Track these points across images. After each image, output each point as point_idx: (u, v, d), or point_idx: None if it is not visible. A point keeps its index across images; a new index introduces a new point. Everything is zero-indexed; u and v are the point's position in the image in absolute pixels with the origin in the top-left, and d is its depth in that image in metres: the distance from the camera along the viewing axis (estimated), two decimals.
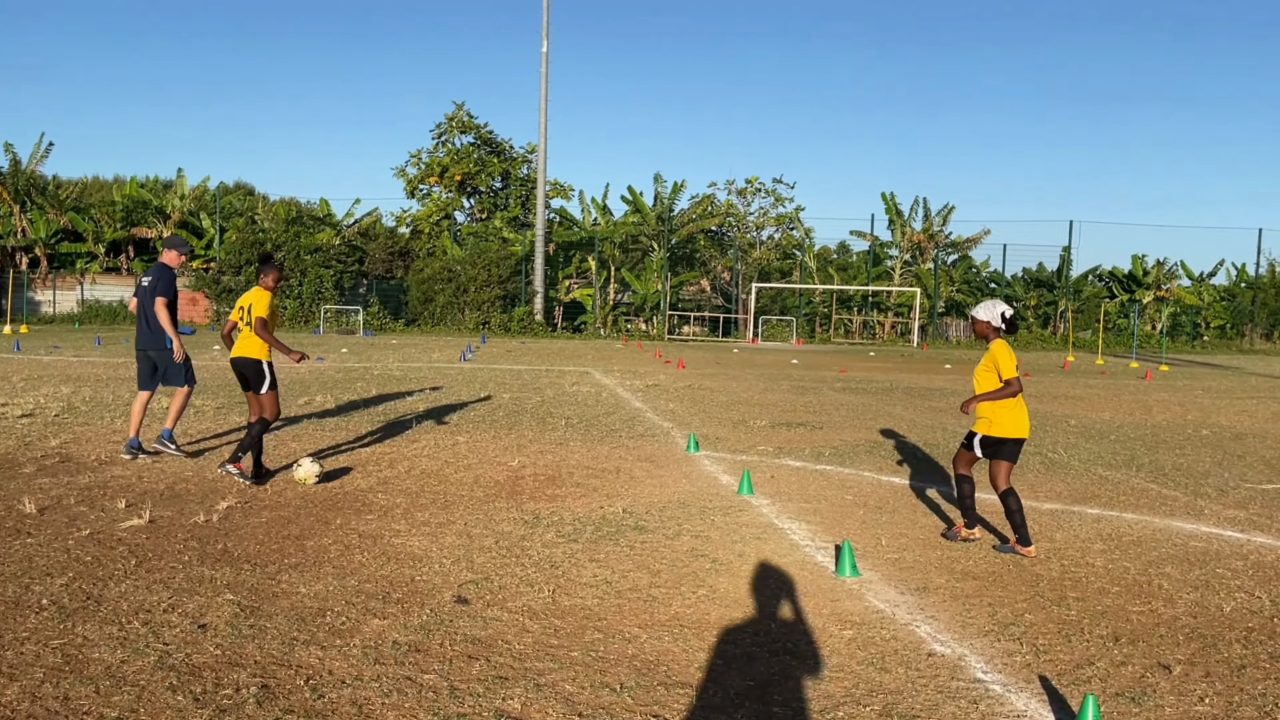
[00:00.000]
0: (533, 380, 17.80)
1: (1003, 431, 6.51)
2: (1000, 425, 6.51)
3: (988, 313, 6.71)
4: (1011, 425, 6.49)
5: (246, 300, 8.40)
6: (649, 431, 11.61)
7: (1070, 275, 43.11)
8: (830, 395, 16.56)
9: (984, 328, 6.72)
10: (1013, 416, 6.50)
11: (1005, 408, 6.51)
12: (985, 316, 6.71)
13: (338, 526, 6.76)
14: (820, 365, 25.12)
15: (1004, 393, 6.42)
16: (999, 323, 6.67)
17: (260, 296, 8.34)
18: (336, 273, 38.72)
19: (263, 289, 8.41)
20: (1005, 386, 6.42)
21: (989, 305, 6.75)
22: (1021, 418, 6.53)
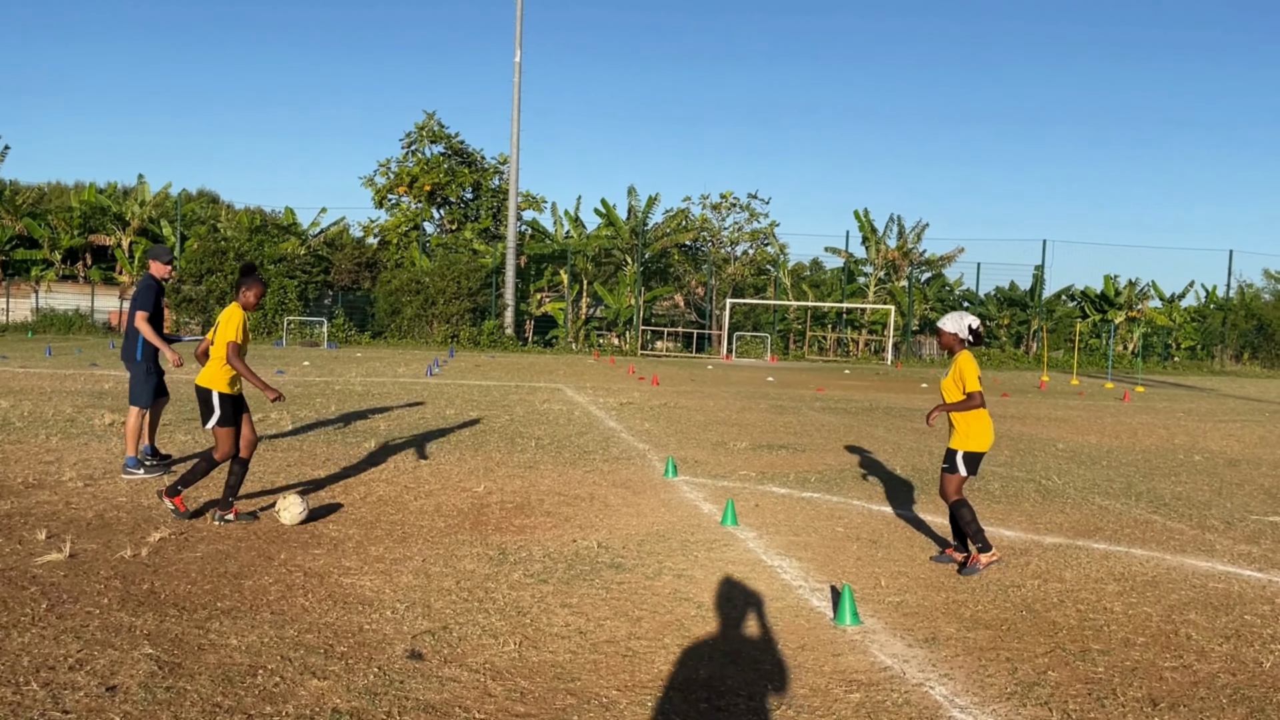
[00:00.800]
0: (502, 397, 17.16)
1: (980, 445, 6.53)
2: (978, 439, 6.52)
3: (954, 324, 6.63)
4: (982, 438, 6.54)
5: (219, 317, 7.21)
6: (624, 454, 11.01)
7: (1043, 294, 43.05)
8: (810, 415, 16.05)
9: (950, 339, 6.66)
10: (983, 429, 6.52)
11: (979, 420, 6.51)
12: (952, 328, 6.63)
13: (281, 563, 6.10)
14: (796, 383, 24.64)
15: (967, 404, 6.40)
16: (965, 334, 6.60)
17: (232, 315, 7.06)
18: (301, 283, 37.84)
19: (240, 306, 7.13)
20: (968, 399, 6.40)
21: (955, 317, 6.68)
22: (989, 430, 6.58)
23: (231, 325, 7.02)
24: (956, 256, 42.53)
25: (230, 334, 6.98)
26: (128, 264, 39.17)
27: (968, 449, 6.53)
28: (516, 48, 38.63)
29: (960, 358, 6.53)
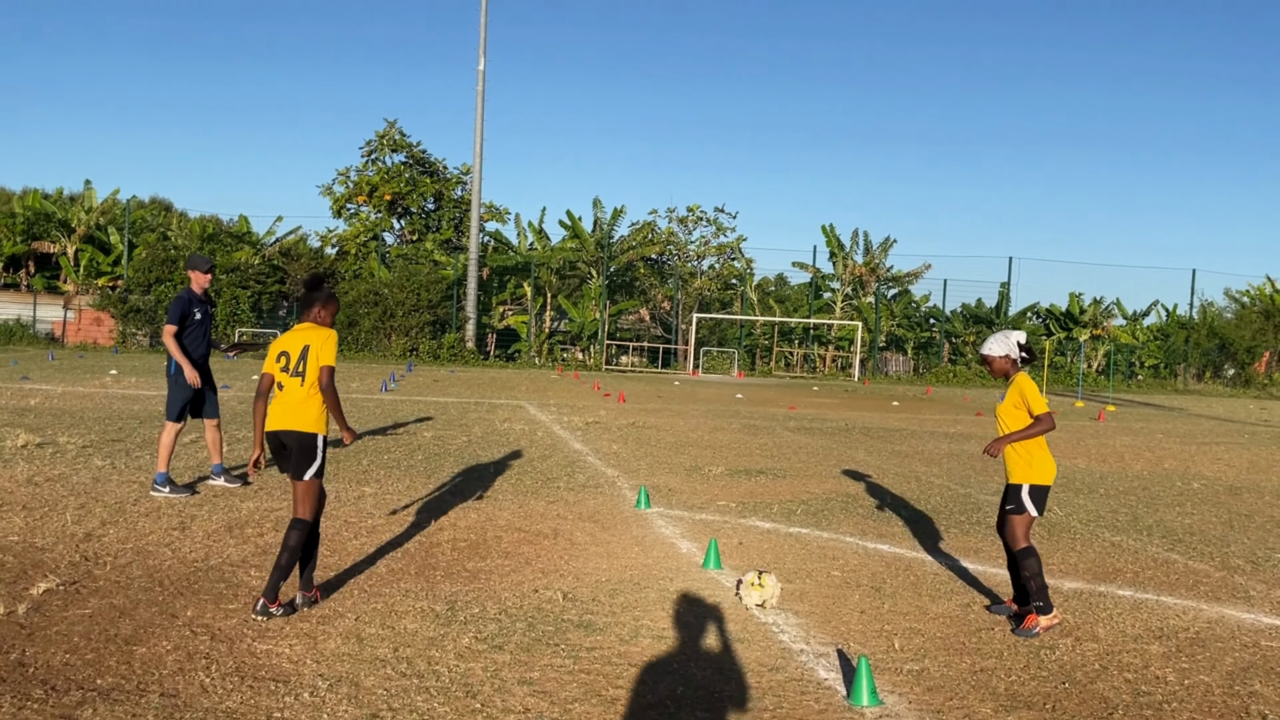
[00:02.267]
0: (460, 415, 16.17)
1: (1045, 477, 5.71)
2: (1042, 469, 5.72)
3: (1003, 346, 5.88)
4: (1046, 469, 5.73)
5: (298, 341, 5.60)
6: (591, 481, 10.10)
7: (1009, 312, 42.75)
8: (785, 436, 15.23)
9: (1003, 364, 5.90)
10: (1047, 458, 5.74)
11: (1041, 448, 5.73)
12: (1001, 351, 5.88)
13: (186, 622, 5.13)
14: (766, 400, 23.85)
15: (1037, 429, 5.60)
16: (1017, 354, 5.87)
17: (326, 335, 5.67)
18: (254, 293, 36.54)
19: (320, 324, 5.76)
20: (1037, 422, 5.61)
21: (1001, 338, 5.93)
22: (1051, 459, 5.80)
23: (330, 346, 5.63)
24: (923, 273, 42.18)
25: (329, 357, 5.60)
26: (72, 272, 37.62)
27: (1034, 482, 5.68)
28: (480, 55, 37.75)
29: (1019, 379, 5.76)
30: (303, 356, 5.56)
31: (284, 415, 5.55)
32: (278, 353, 5.65)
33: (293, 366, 5.58)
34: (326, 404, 5.60)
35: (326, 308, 5.83)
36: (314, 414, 5.57)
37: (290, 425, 5.53)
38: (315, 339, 5.62)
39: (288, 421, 5.53)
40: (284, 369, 5.60)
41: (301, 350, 5.57)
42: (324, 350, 5.60)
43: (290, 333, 5.73)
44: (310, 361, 5.55)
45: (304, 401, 5.55)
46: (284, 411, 5.55)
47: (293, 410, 5.54)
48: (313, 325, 5.74)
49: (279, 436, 5.57)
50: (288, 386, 5.57)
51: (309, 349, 5.57)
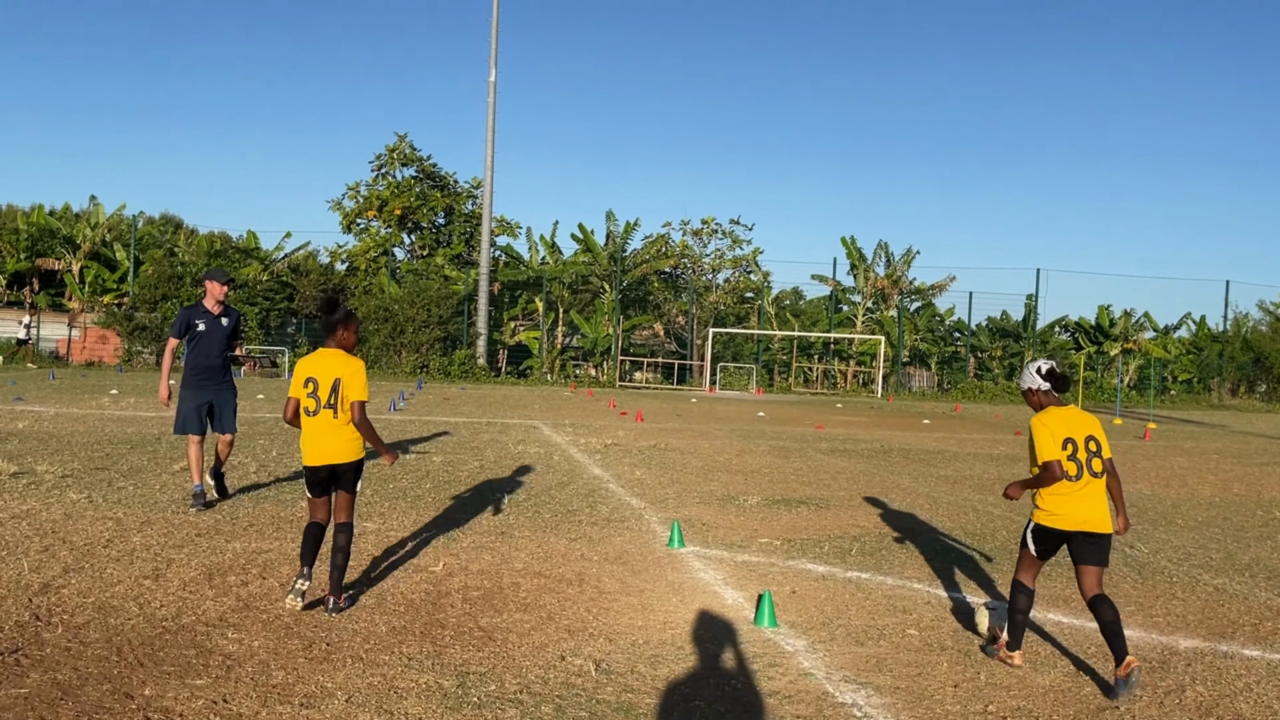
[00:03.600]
0: (471, 436, 15.24)
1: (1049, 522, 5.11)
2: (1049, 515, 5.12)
3: (1029, 380, 5.39)
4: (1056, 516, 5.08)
5: (325, 369, 5.73)
6: (615, 513, 9.14)
7: (1036, 325, 41.65)
8: (819, 459, 14.24)
9: (1033, 398, 5.40)
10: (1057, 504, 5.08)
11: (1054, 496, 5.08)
12: (1026, 384, 5.41)
13: (142, 704, 4.20)
14: (791, 419, 22.86)
15: (1037, 483, 5.11)
16: (1038, 383, 5.32)
17: (355, 366, 5.78)
18: (262, 310, 35.77)
19: (343, 349, 5.87)
20: (1038, 476, 5.11)
21: (1026, 372, 5.45)
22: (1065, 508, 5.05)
23: (360, 379, 5.77)
24: (948, 285, 41.11)
25: (359, 391, 5.75)
26: (77, 289, 36.94)
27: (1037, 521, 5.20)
28: (491, 66, 37.01)
29: (1032, 423, 5.22)
30: (334, 389, 5.68)
31: (329, 449, 5.74)
32: (304, 378, 5.75)
33: (324, 399, 5.69)
34: (363, 435, 5.79)
35: (349, 328, 5.91)
36: (356, 442, 5.81)
37: (340, 459, 5.77)
38: (345, 371, 5.72)
39: (336, 455, 5.76)
40: (312, 396, 5.71)
41: (333, 384, 5.68)
42: (353, 383, 5.72)
43: (316, 357, 5.82)
44: (343, 395, 5.69)
45: (341, 432, 5.74)
46: (327, 445, 5.74)
47: (335, 443, 5.74)
48: (339, 353, 5.81)
49: (330, 469, 5.80)
50: (321, 417, 5.72)
51: (340, 383, 5.69)
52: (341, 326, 5.86)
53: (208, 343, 8.64)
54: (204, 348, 8.63)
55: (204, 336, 8.63)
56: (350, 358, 5.82)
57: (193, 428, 8.58)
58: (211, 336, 8.66)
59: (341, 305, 5.92)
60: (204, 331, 8.63)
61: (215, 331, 8.68)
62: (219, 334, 8.71)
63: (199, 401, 8.61)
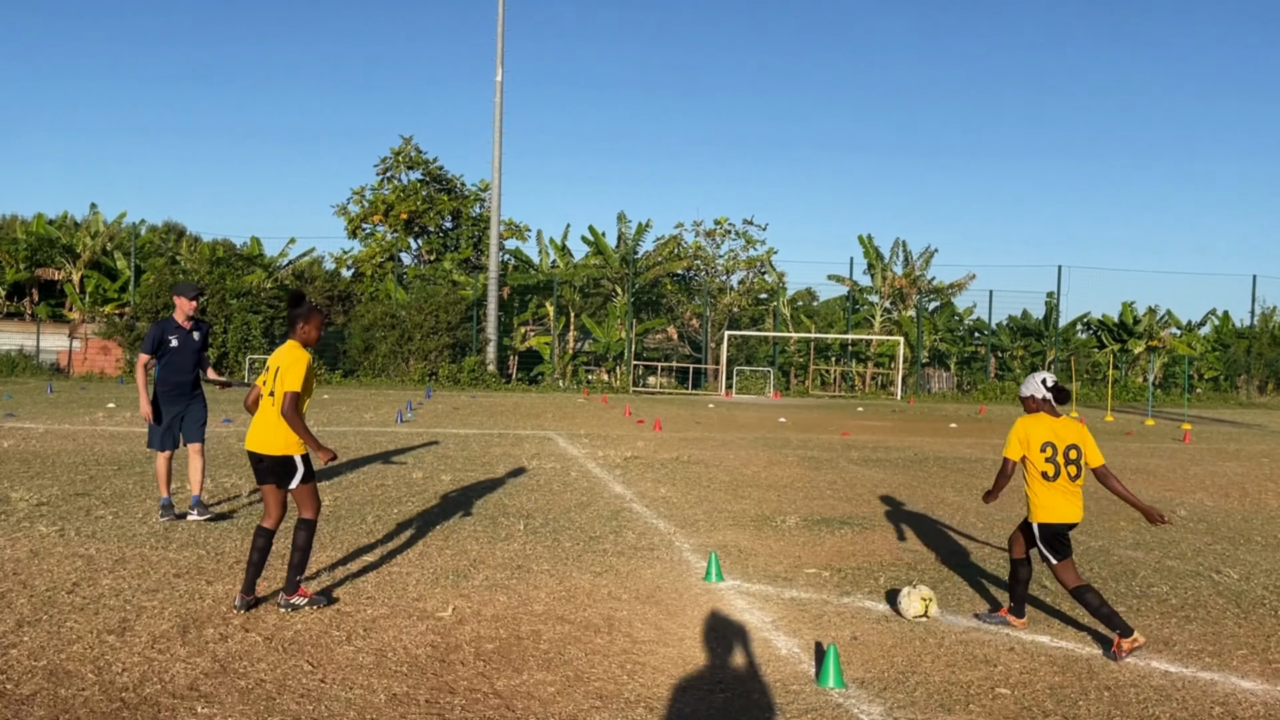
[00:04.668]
0: (482, 450, 14.40)
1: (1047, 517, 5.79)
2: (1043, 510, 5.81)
3: (1029, 388, 5.95)
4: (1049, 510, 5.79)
5: (276, 358, 5.91)
6: (643, 540, 8.28)
7: (1058, 323, 40.63)
8: (853, 471, 13.36)
9: (1033, 404, 5.91)
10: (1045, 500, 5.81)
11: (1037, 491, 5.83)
12: (1029, 392, 5.94)
13: None
14: (813, 425, 21.96)
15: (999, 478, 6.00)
16: (1042, 393, 5.88)
17: (295, 357, 5.84)
18: (266, 318, 35.00)
19: (300, 344, 5.96)
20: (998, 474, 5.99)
21: (1028, 381, 6.01)
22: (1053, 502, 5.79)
23: (295, 371, 5.76)
24: (967, 284, 40.10)
25: (293, 382, 5.73)
26: (78, 300, 36.26)
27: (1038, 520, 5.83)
28: (498, 66, 36.25)
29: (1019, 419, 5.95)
30: (276, 377, 5.78)
31: (258, 436, 5.82)
32: (267, 366, 5.94)
33: (270, 386, 5.80)
34: (289, 427, 5.70)
35: (310, 322, 5.95)
36: (280, 436, 5.76)
37: (263, 448, 5.79)
38: (285, 360, 5.78)
39: (261, 443, 5.80)
40: (265, 384, 5.87)
41: (275, 371, 5.80)
42: (288, 373, 5.72)
43: (278, 349, 5.93)
44: (278, 384, 5.73)
45: (269, 421, 5.79)
46: (258, 432, 5.83)
47: (266, 432, 5.79)
48: (293, 344, 5.90)
49: (256, 455, 5.86)
50: (263, 405, 5.87)
51: (279, 370, 5.76)
52: (302, 320, 5.93)
53: (181, 357, 8.68)
54: (177, 363, 8.65)
55: (177, 351, 8.64)
56: (297, 349, 5.87)
57: (167, 443, 8.60)
58: (184, 351, 8.71)
59: (305, 300, 6.05)
60: (176, 347, 8.65)
61: (187, 346, 8.73)
62: (191, 348, 8.79)
63: (172, 415, 8.62)
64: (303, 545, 5.86)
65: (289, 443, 5.78)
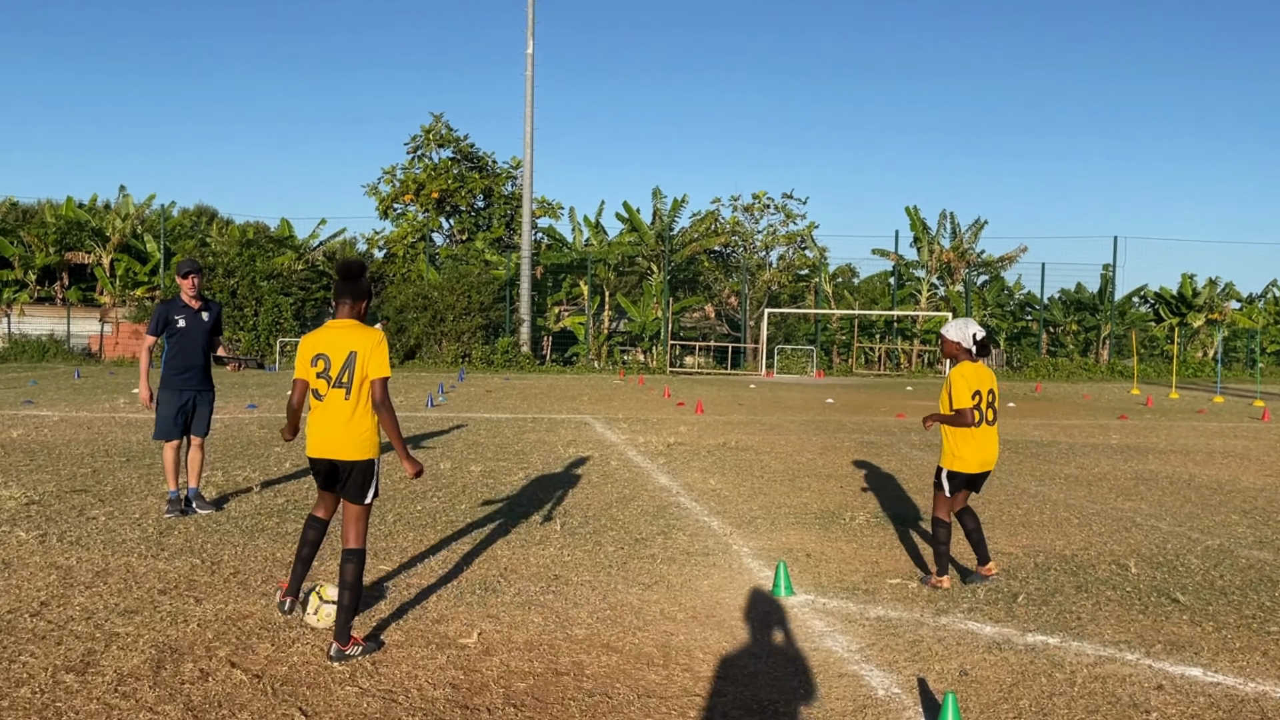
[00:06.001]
0: (515, 437, 13.48)
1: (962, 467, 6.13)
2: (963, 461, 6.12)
3: (957, 332, 6.22)
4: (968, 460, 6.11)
5: (338, 343, 4.82)
6: (695, 542, 7.30)
7: (1114, 296, 38.99)
8: (918, 458, 12.28)
9: (953, 348, 6.26)
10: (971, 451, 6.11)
11: (966, 442, 6.09)
12: (954, 336, 6.22)
13: None
14: (862, 405, 20.85)
15: (953, 420, 6.04)
16: (969, 344, 6.18)
17: (376, 338, 4.85)
18: (297, 301, 34.36)
19: (357, 319, 4.92)
20: (955, 415, 6.04)
21: (959, 324, 6.25)
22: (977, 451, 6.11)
23: (383, 353, 4.84)
24: (1018, 256, 38.49)
25: (384, 365, 4.84)
26: (108, 283, 35.80)
27: (951, 468, 6.18)
28: (529, 38, 35.17)
29: (951, 373, 6.11)
30: (348, 364, 4.77)
31: (333, 438, 4.81)
32: (312, 355, 4.84)
33: (335, 375, 4.78)
34: (383, 425, 4.86)
35: (369, 299, 5.02)
36: (368, 435, 4.86)
37: (344, 453, 4.81)
38: (362, 343, 4.79)
39: (339, 448, 4.81)
40: (322, 375, 4.80)
41: (347, 357, 4.77)
42: (375, 357, 4.79)
43: (326, 330, 4.88)
44: (358, 371, 4.76)
45: (353, 420, 4.80)
46: (332, 433, 4.81)
47: (343, 432, 4.80)
48: (355, 324, 4.89)
49: (332, 465, 4.89)
50: (330, 399, 4.80)
51: (355, 356, 4.77)
52: (365, 295, 4.95)
53: (189, 339, 8.00)
54: (185, 345, 7.98)
55: (185, 333, 7.99)
56: (369, 329, 4.83)
57: (175, 433, 7.94)
58: (192, 332, 8.03)
59: (365, 270, 5.02)
60: (184, 328, 7.98)
61: (196, 327, 8.04)
62: (200, 329, 8.03)
63: (181, 403, 7.95)
64: (353, 583, 4.77)
65: (374, 440, 4.89)
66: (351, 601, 4.76)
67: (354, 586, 4.77)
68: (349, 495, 4.91)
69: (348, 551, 4.86)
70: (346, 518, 4.93)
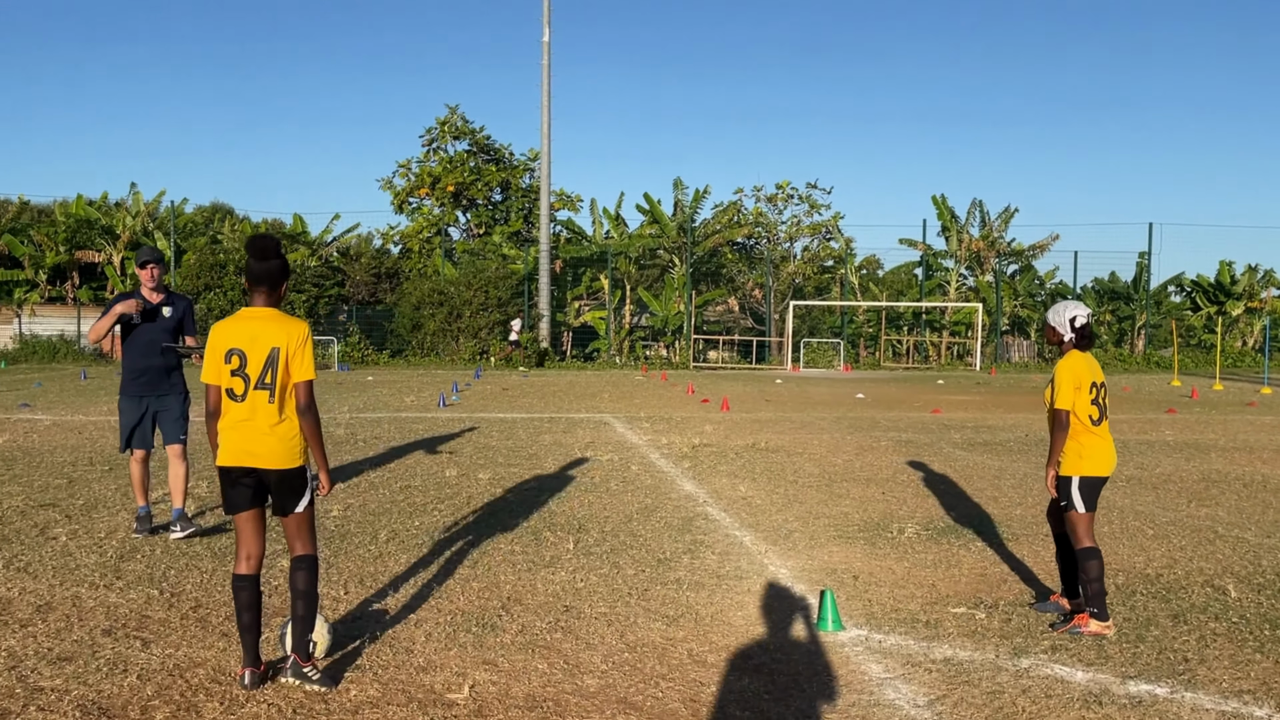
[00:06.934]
0: (529, 439, 12.66)
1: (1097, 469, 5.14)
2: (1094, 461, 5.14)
3: (1055, 317, 5.34)
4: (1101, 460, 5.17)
5: (257, 336, 4.17)
6: (726, 562, 6.44)
7: (1149, 285, 37.75)
8: (962, 458, 11.37)
9: (1052, 335, 5.37)
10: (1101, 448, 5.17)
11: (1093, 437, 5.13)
12: (1052, 321, 5.35)
13: None
14: (895, 400, 19.90)
15: (1056, 432, 5.12)
16: (1067, 330, 5.26)
17: (303, 333, 4.24)
18: (310, 298, 33.71)
19: (276, 306, 4.31)
20: (1052, 419, 5.13)
21: (1058, 308, 5.36)
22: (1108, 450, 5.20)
23: (309, 351, 4.23)
24: (1050, 245, 37.34)
25: (309, 366, 4.22)
26: (119, 282, 35.28)
27: (1084, 474, 5.11)
28: (545, 25, 34.30)
29: (1059, 364, 5.21)
30: (270, 363, 4.14)
31: (257, 445, 4.15)
32: (225, 351, 4.17)
33: (256, 375, 4.14)
34: (305, 432, 4.25)
35: (284, 281, 4.33)
36: (297, 439, 4.23)
37: (270, 461, 4.16)
38: (284, 336, 4.18)
39: (265, 455, 4.15)
40: (238, 374, 4.15)
41: (269, 353, 4.14)
42: (300, 357, 4.19)
43: (239, 322, 4.21)
44: (282, 370, 4.16)
45: (277, 424, 4.17)
46: (255, 439, 4.16)
47: (266, 439, 4.16)
48: (274, 314, 4.24)
49: (255, 476, 4.19)
50: (252, 402, 4.17)
51: (278, 353, 4.15)
52: (283, 278, 4.29)
53: (148, 337, 6.98)
54: (143, 344, 6.97)
55: (142, 331, 6.96)
56: (291, 320, 4.24)
57: (138, 442, 7.08)
58: (151, 330, 6.96)
59: (280, 247, 4.33)
60: (140, 325, 6.96)
61: (156, 323, 7.01)
62: (160, 326, 7.00)
63: (141, 410, 7.07)
64: (307, 591, 4.24)
65: (303, 448, 4.26)
66: (307, 610, 4.23)
67: (308, 594, 4.25)
68: (281, 508, 4.28)
69: (297, 559, 4.30)
70: (288, 531, 4.33)
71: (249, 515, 4.26)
